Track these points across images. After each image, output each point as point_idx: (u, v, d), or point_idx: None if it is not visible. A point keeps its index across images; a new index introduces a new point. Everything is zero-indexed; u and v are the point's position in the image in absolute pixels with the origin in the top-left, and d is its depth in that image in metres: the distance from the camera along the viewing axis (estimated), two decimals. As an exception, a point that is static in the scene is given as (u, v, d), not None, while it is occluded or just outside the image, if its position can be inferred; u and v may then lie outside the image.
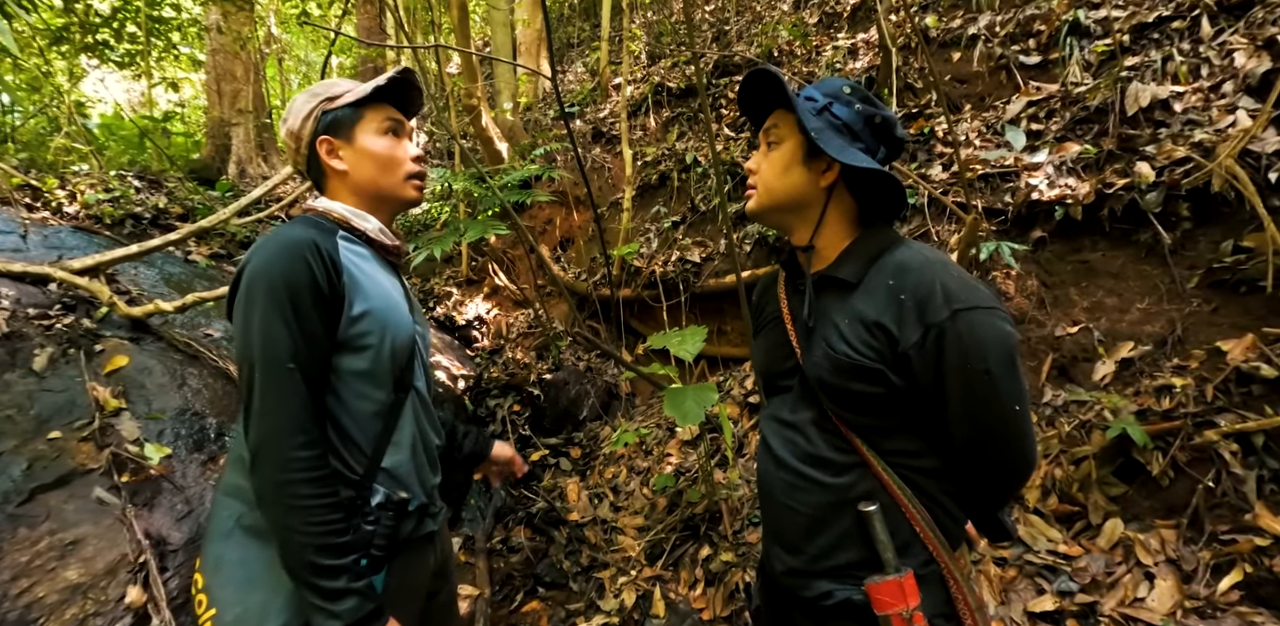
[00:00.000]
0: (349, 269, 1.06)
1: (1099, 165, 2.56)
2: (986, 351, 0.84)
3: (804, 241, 1.02)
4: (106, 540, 2.33)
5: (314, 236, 1.02)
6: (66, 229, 4.50)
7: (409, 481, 1.14)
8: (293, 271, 0.98)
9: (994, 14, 3.67)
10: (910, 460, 0.93)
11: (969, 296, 0.86)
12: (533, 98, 6.39)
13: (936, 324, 0.85)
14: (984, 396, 0.85)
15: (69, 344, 3.00)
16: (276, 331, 0.96)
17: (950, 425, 0.89)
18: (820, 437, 0.97)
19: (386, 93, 1.18)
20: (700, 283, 3.61)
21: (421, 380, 1.21)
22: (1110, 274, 2.35)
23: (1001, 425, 0.87)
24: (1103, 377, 2.16)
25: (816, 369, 0.95)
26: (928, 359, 0.86)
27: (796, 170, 0.97)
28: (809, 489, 0.96)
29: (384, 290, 1.11)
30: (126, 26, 5.78)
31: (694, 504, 2.59)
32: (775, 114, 1.01)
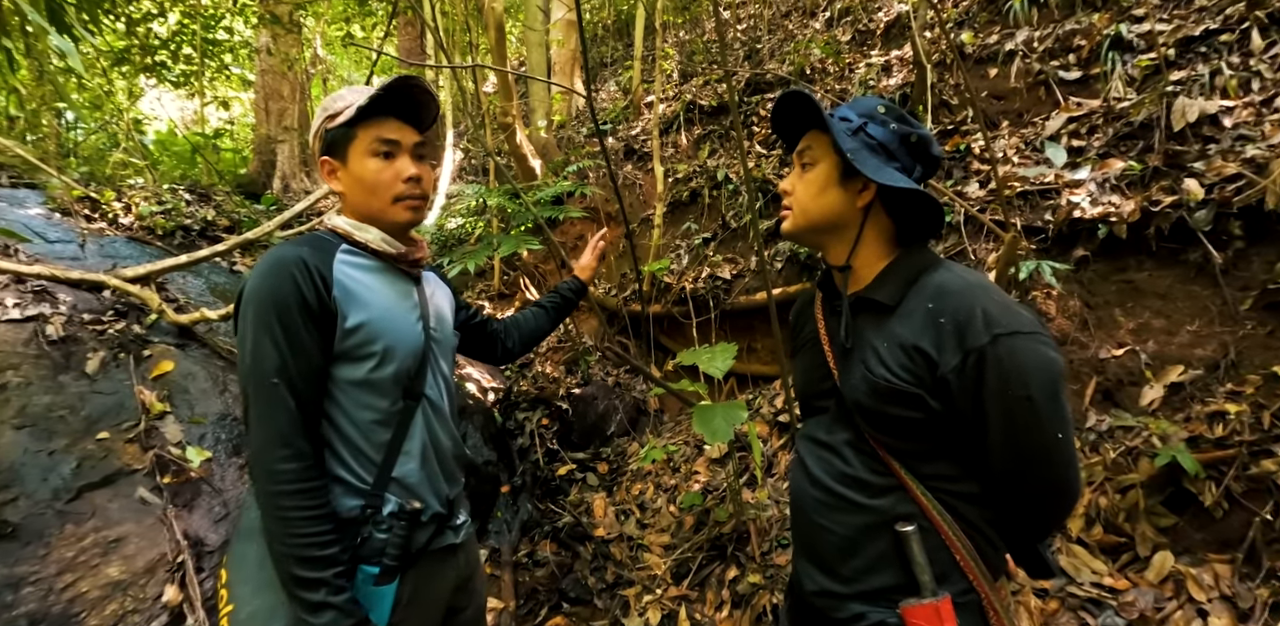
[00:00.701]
0: (343, 282, 1.07)
1: (1144, 182, 2.49)
2: (1028, 377, 0.82)
3: (841, 261, 1.01)
4: (147, 539, 2.40)
5: (302, 254, 1.05)
6: (121, 239, 4.71)
7: (421, 491, 1.14)
8: (279, 289, 1.01)
9: (1032, 29, 3.62)
10: (949, 484, 0.91)
11: (1010, 321, 0.84)
12: (566, 116, 6.51)
13: (976, 348, 0.83)
14: (1025, 423, 0.83)
15: (119, 348, 3.12)
16: (264, 348, 0.99)
17: (990, 452, 0.86)
18: (857, 459, 0.95)
19: (387, 105, 1.13)
20: (730, 299, 3.60)
21: (435, 388, 1.20)
22: (1157, 294, 2.28)
23: (1044, 453, 0.85)
24: (1150, 402, 2.08)
25: (854, 392, 0.94)
26: (967, 384, 0.84)
27: (833, 191, 0.97)
28: (844, 509, 0.95)
29: (385, 300, 1.12)
30: (183, 48, 6.08)
31: (721, 523, 2.56)
32: (809, 135, 1.01)
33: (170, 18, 6.26)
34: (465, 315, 1.48)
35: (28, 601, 2.02)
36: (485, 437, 3.37)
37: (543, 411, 3.62)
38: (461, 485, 1.31)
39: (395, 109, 1.14)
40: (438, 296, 1.30)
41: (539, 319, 1.66)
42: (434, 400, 1.19)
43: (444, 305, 1.32)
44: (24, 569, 2.09)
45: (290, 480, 0.99)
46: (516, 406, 3.70)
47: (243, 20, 7.12)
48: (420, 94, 1.15)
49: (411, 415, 1.13)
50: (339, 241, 1.15)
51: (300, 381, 1.02)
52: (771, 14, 6.31)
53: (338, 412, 1.08)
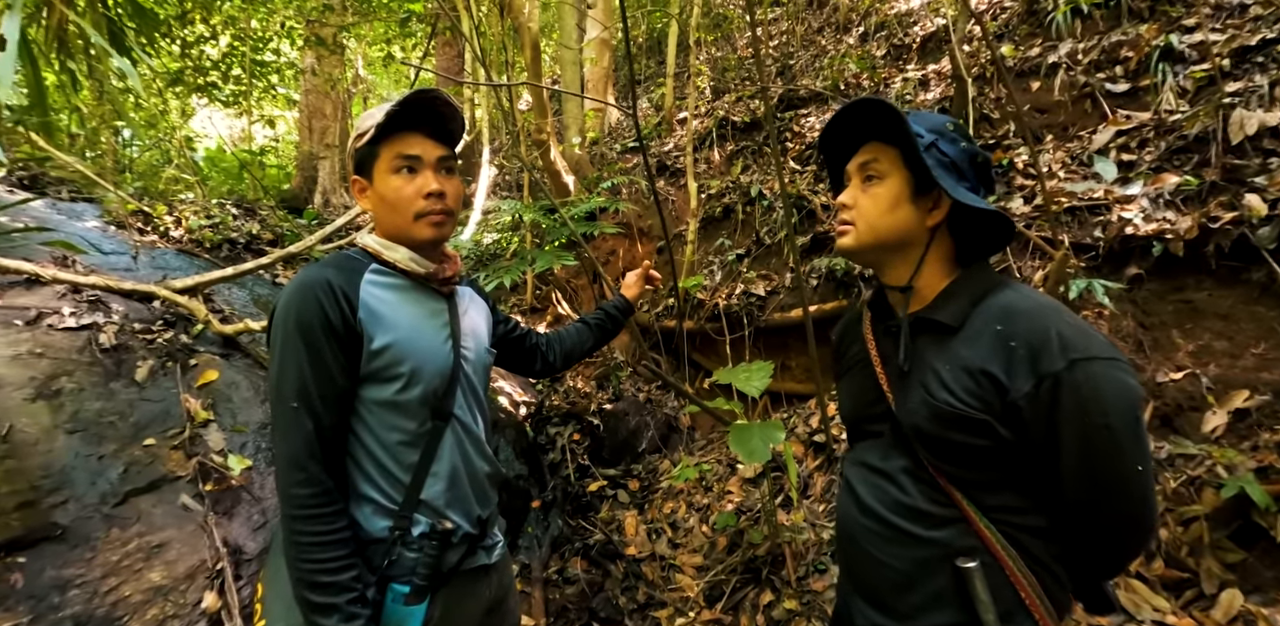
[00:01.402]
0: (369, 303, 1.07)
1: (1201, 198, 2.39)
2: (1108, 405, 0.77)
3: (902, 281, 0.97)
4: (189, 545, 2.45)
5: (328, 275, 1.06)
6: (171, 251, 4.89)
7: (451, 512, 1.13)
8: (304, 311, 1.02)
9: (1075, 41, 3.54)
10: (1015, 517, 0.86)
11: (1088, 345, 0.79)
12: (599, 133, 6.59)
13: (1052, 374, 0.78)
14: (1103, 453, 0.78)
15: (167, 357, 3.22)
16: (288, 370, 1.00)
17: (1063, 483, 0.81)
18: (914, 487, 0.91)
19: (408, 121, 1.11)
20: (765, 316, 3.56)
21: (466, 408, 1.18)
22: (1218, 315, 2.17)
23: (1121, 485, 0.80)
24: (1213, 429, 1.97)
25: (913, 417, 0.89)
26: (1040, 411, 0.79)
27: (904, 208, 0.93)
28: (901, 541, 0.90)
29: (412, 321, 1.11)
30: (233, 69, 6.35)
31: (756, 545, 2.50)
32: (872, 147, 0.97)
33: (222, 40, 6.55)
34: (504, 329, 1.46)
35: (74, 603, 2.07)
36: (516, 452, 3.37)
37: (574, 426, 3.61)
38: (495, 505, 1.28)
39: (418, 123, 1.12)
40: (472, 312, 1.28)
41: (582, 335, 1.65)
42: (464, 420, 1.17)
43: (479, 321, 1.30)
44: (71, 571, 2.14)
45: (302, 505, 0.99)
46: (548, 421, 3.69)
47: (289, 42, 7.41)
48: (441, 106, 1.11)
49: (440, 436, 1.12)
50: (368, 261, 1.14)
51: (321, 404, 1.02)
52: (804, 30, 6.31)
53: (365, 433, 1.08)
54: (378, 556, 1.07)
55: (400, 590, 1.06)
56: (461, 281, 1.33)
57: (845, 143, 1.01)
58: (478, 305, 1.34)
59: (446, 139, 1.15)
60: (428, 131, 1.12)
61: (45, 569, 2.12)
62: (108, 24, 3.21)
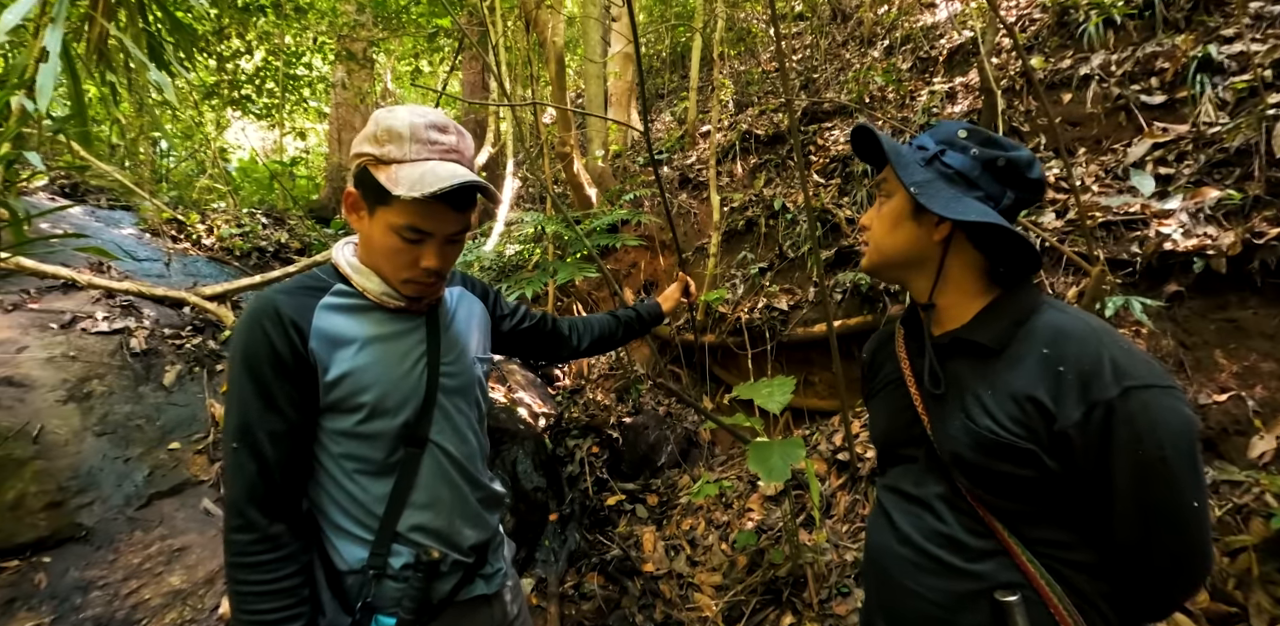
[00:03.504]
0: (323, 331, 0.99)
1: (1244, 212, 2.31)
2: (1163, 436, 0.73)
3: (924, 298, 0.95)
4: (209, 550, 2.46)
5: (278, 303, 0.98)
6: (202, 259, 5.01)
7: (435, 542, 1.07)
8: (251, 342, 0.96)
9: (1108, 52, 3.48)
10: (1060, 552, 0.81)
11: (1143, 372, 0.75)
12: (622, 146, 6.63)
13: (1104, 401, 0.74)
14: (1157, 487, 0.74)
15: (195, 362, 3.27)
16: (231, 408, 0.95)
17: (1113, 518, 0.77)
18: (953, 516, 0.86)
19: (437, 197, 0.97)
20: (787, 331, 3.51)
21: (448, 432, 1.10)
22: (1265, 335, 2.08)
23: (1175, 522, 0.75)
24: (1261, 455, 1.88)
25: (953, 443, 0.85)
26: (1092, 441, 0.75)
27: (906, 225, 0.92)
28: (938, 572, 0.86)
29: (373, 347, 1.03)
30: (266, 83, 6.52)
31: (776, 565, 2.44)
32: (887, 167, 0.96)
33: (256, 55, 6.74)
34: (512, 322, 1.41)
35: (95, 605, 2.09)
36: (535, 464, 3.35)
37: (593, 439, 3.59)
38: (494, 530, 1.21)
39: (447, 198, 0.98)
40: (459, 320, 1.19)
41: (612, 327, 1.61)
42: (444, 445, 1.09)
43: (468, 329, 1.21)
44: (94, 573, 2.17)
45: (239, 552, 0.94)
46: (567, 433, 3.67)
47: (320, 57, 7.61)
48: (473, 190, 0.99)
49: (416, 464, 1.05)
50: (334, 281, 1.06)
51: (268, 442, 0.95)
52: (828, 44, 6.31)
53: (331, 463, 1.02)
54: (356, 588, 1.03)
55: (386, 622, 1.01)
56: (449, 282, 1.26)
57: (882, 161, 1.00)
58: (468, 308, 1.25)
59: (468, 206, 1.03)
60: (454, 204, 0.99)
61: (69, 570, 2.14)
62: (147, 38, 3.32)
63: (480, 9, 4.99)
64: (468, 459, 1.14)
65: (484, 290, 1.36)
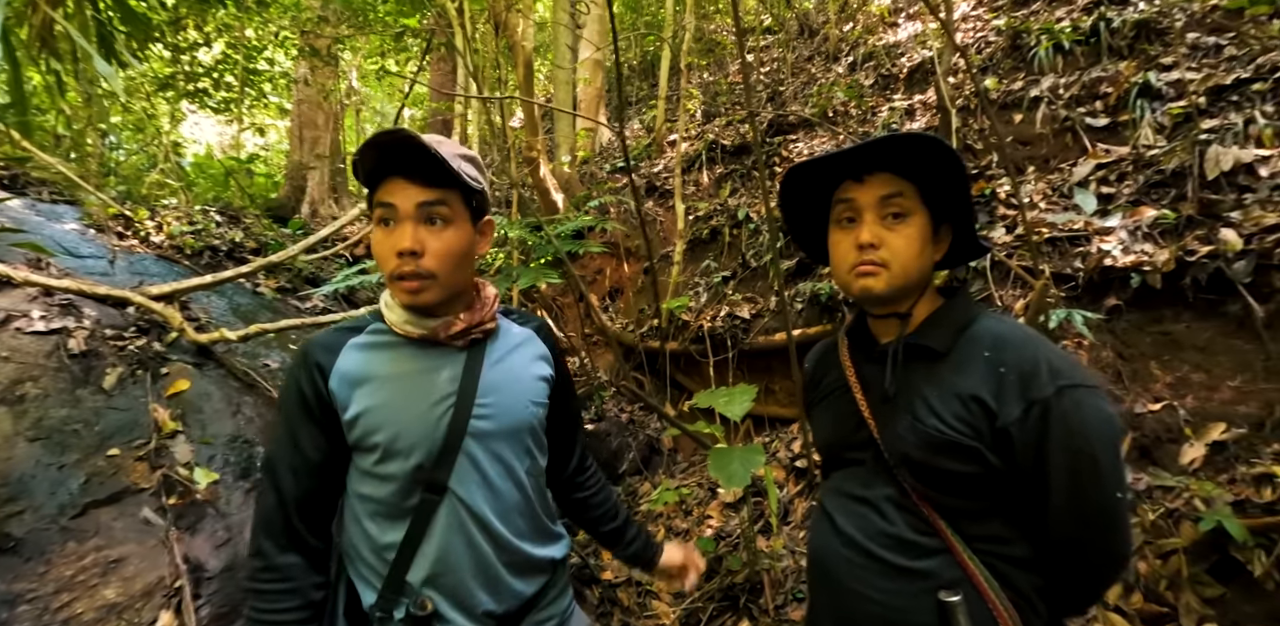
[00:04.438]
0: (344, 371, 1.00)
1: (1179, 231, 2.44)
2: (1091, 432, 0.79)
3: (905, 308, 0.96)
4: (148, 561, 2.35)
5: (313, 345, 1.03)
6: (151, 257, 4.81)
7: (441, 603, 1.00)
8: (286, 383, 1.03)
9: (1057, 76, 3.64)
10: (999, 547, 0.85)
11: (1074, 373, 0.82)
12: (590, 152, 6.64)
13: (1041, 400, 0.80)
14: (1088, 481, 0.79)
15: (138, 365, 3.14)
16: (269, 441, 1.02)
17: (1049, 510, 0.82)
18: (899, 517, 0.89)
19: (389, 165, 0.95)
20: (749, 339, 3.55)
21: (474, 482, 1.02)
22: (1196, 347, 2.20)
23: (1101, 513, 0.81)
24: (1191, 461, 1.98)
25: (901, 444, 0.89)
26: (1029, 437, 0.80)
27: (928, 248, 0.92)
28: (884, 573, 0.88)
29: (394, 386, 1.00)
30: (225, 77, 6.33)
31: (734, 572, 2.45)
32: (887, 179, 0.90)
33: (215, 47, 6.54)
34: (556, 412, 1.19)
35: (22, 620, 1.98)
36: (494, 470, 3.30)
37: (554, 445, 3.55)
38: (524, 599, 1.08)
39: (399, 166, 0.95)
40: (512, 361, 1.10)
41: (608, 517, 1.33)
42: (465, 497, 1.01)
43: (521, 371, 1.10)
44: (22, 586, 2.05)
45: (251, 577, 0.98)
46: (527, 438, 3.63)
47: (283, 52, 7.42)
48: (411, 143, 0.92)
49: (432, 512, 0.99)
50: (374, 320, 1.06)
51: (290, 476, 0.98)
52: (795, 58, 6.45)
53: (356, 503, 1.03)
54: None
55: None
56: (518, 322, 1.17)
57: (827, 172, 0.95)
58: (531, 351, 1.15)
59: (438, 180, 0.95)
60: (410, 174, 0.95)
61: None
62: (97, 27, 3.20)
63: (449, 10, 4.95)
64: (499, 514, 1.03)
65: (557, 347, 1.22)
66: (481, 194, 1.02)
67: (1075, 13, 3.99)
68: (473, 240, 1.02)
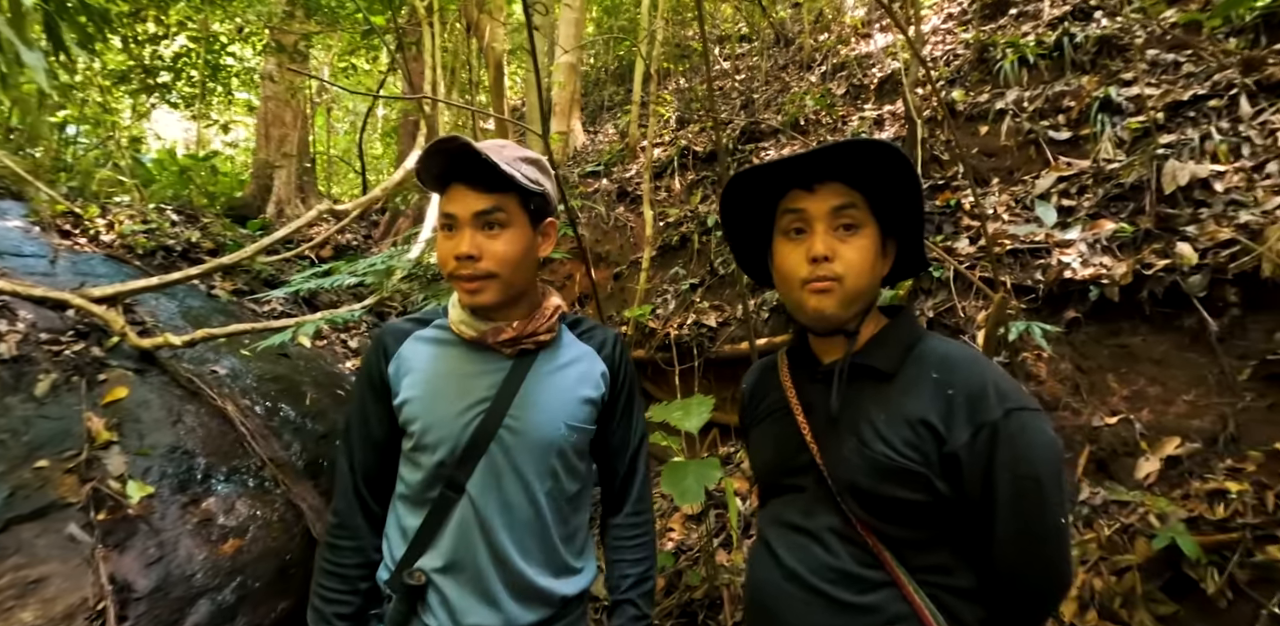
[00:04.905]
0: (404, 357, 1.08)
1: (1136, 244, 2.46)
2: (1036, 456, 0.77)
3: (853, 326, 0.91)
4: (71, 581, 2.23)
5: (386, 329, 1.14)
6: (99, 257, 4.61)
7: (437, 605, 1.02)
8: (363, 361, 1.14)
9: (1021, 89, 3.68)
10: (944, 578, 0.82)
11: (1019, 397, 0.80)
12: (563, 156, 6.57)
13: (990, 423, 0.77)
14: (1031, 506, 0.77)
15: (74, 371, 2.98)
16: (347, 413, 1.15)
17: (992, 535, 0.79)
18: (843, 548, 0.84)
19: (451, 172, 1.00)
20: (715, 348, 3.51)
21: (492, 491, 1.02)
22: (1152, 361, 2.20)
23: (1044, 538, 0.78)
24: (1146, 476, 1.97)
25: (846, 470, 0.84)
26: (977, 460, 0.77)
27: (879, 262, 0.88)
28: (829, 609, 0.84)
29: (438, 380, 1.05)
30: (186, 71, 6.15)
31: (693, 587, 2.39)
32: (839, 189, 0.85)
33: (178, 40, 6.34)
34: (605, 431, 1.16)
35: (-75, 648, 1.84)
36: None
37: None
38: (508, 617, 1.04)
39: (459, 173, 0.99)
40: (559, 377, 1.09)
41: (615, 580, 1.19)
42: (479, 503, 1.02)
43: (564, 388, 1.08)
44: (-70, 609, 1.91)
45: (327, 531, 1.11)
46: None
47: (250, 47, 7.23)
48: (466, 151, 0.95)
49: (448, 509, 1.03)
50: (443, 316, 1.13)
51: (358, 445, 1.10)
52: (769, 66, 6.46)
53: (398, 480, 1.10)
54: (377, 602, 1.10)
55: None
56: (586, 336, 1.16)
57: (774, 180, 0.90)
58: (585, 368, 1.12)
59: (495, 185, 0.98)
60: (470, 180, 0.99)
61: (-103, 607, 1.89)
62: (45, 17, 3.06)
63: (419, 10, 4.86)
64: (507, 528, 1.03)
65: (624, 369, 1.17)
66: (542, 196, 1.05)
67: (1040, 27, 4.04)
68: (532, 242, 1.05)
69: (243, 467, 2.86)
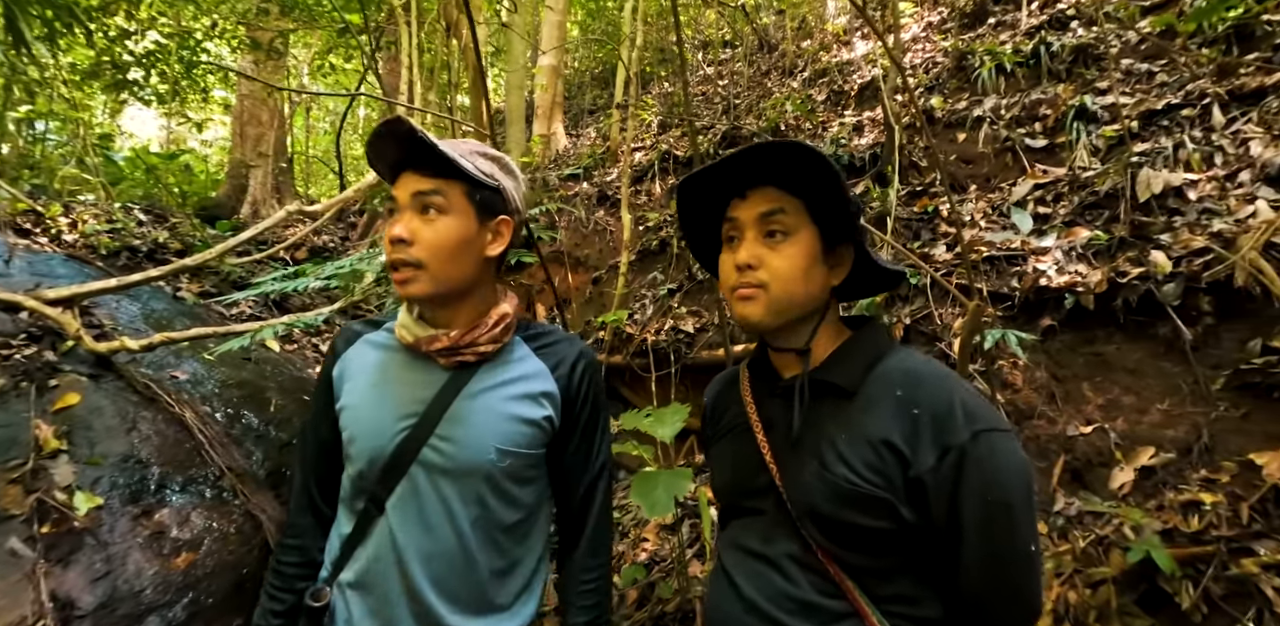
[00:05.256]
0: (348, 359, 1.06)
1: (1111, 252, 2.45)
2: (1007, 481, 0.72)
3: (801, 344, 0.87)
4: (9, 598, 2.11)
5: (341, 331, 1.11)
6: (59, 257, 4.45)
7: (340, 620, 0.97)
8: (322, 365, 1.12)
9: (999, 97, 3.69)
10: (909, 608, 0.77)
11: (988, 416, 0.75)
12: (544, 158, 6.50)
13: (957, 446, 0.72)
14: (1001, 532, 0.72)
15: (23, 376, 2.85)
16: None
17: (960, 563, 0.74)
18: (803, 577, 0.79)
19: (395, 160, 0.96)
20: (693, 354, 3.45)
21: (413, 515, 0.94)
22: (1127, 369, 2.19)
23: (1014, 566, 0.74)
24: (1121, 486, 1.95)
25: (806, 494, 0.79)
26: (944, 485, 0.72)
27: (818, 269, 0.83)
28: None
29: (375, 389, 1.00)
30: (158, 67, 6.00)
31: (665, 600, 2.33)
32: (771, 194, 0.83)
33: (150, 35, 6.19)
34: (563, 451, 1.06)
35: None
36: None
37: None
38: None
39: (407, 159, 0.95)
40: (489, 398, 0.99)
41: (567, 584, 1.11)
42: (397, 525, 0.94)
43: (493, 412, 0.98)
44: None
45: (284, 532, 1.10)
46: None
47: (226, 44, 7.09)
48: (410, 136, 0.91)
49: (369, 525, 0.97)
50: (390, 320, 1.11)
51: (310, 447, 1.09)
52: (752, 72, 6.47)
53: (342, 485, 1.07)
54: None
55: None
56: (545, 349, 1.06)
57: (720, 186, 0.87)
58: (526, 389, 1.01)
59: (439, 170, 0.93)
60: (417, 166, 0.95)
61: None
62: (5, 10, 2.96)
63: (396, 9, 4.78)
64: (423, 558, 0.94)
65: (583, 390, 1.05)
66: (494, 191, 0.98)
67: (1018, 36, 4.07)
68: (473, 235, 0.96)
69: (200, 477, 2.75)
